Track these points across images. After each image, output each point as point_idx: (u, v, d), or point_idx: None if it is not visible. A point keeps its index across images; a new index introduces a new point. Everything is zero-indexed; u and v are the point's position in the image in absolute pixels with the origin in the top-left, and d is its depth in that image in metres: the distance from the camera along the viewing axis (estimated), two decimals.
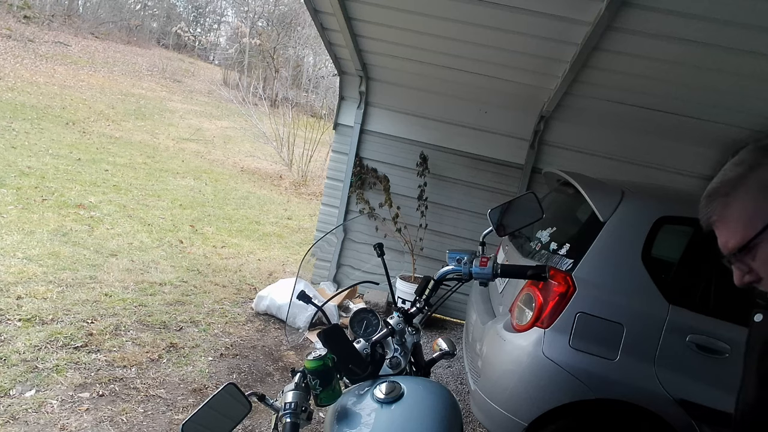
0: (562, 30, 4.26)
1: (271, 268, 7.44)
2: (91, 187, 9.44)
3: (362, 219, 6.58)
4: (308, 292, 2.07)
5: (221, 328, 5.13)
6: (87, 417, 3.43)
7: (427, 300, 2.08)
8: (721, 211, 1.17)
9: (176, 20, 40.42)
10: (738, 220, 1.14)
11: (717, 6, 3.51)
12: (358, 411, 1.63)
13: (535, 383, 3.09)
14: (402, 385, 1.66)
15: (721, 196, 1.16)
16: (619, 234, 3.20)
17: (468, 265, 2.01)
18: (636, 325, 3.03)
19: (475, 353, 3.61)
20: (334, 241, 6.53)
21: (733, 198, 1.14)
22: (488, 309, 3.90)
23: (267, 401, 1.53)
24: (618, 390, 3.01)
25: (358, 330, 2.00)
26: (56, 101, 18.05)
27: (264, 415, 3.78)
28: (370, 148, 6.47)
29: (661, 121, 5.44)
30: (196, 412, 1.38)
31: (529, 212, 2.23)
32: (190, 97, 26.89)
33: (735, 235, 1.14)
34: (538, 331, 3.10)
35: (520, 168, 6.13)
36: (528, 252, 3.75)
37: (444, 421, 1.60)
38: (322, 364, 1.58)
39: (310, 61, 37.28)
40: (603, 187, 3.58)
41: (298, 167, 16.47)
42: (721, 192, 1.16)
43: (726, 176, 1.17)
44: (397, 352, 1.94)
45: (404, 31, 5.04)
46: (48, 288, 5.02)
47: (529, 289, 3.25)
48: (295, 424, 1.47)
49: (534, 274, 1.99)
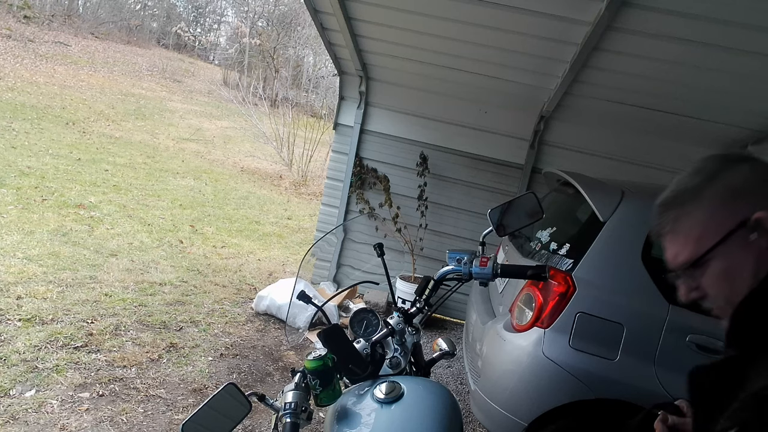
0: (562, 30, 4.26)
1: (271, 268, 7.44)
2: (91, 187, 9.44)
3: (362, 219, 6.58)
4: (308, 292, 2.07)
5: (221, 328, 5.12)
6: (87, 417, 3.43)
7: (427, 300, 2.08)
8: (673, 223, 1.12)
9: (176, 20, 40.39)
10: (689, 234, 1.09)
11: (717, 6, 3.50)
12: (358, 411, 1.63)
13: (535, 383, 3.09)
14: (402, 385, 1.66)
15: (675, 208, 1.12)
16: (619, 234, 3.20)
17: (468, 265, 2.01)
18: (636, 325, 3.03)
19: (475, 353, 3.61)
20: (334, 241, 6.53)
21: (687, 210, 1.09)
22: (488, 309, 3.90)
23: (267, 401, 1.52)
24: (618, 390, 3.00)
25: (358, 330, 2.00)
26: (56, 101, 18.05)
27: (264, 415, 3.78)
28: (370, 148, 6.47)
29: (661, 121, 5.44)
30: (196, 412, 1.38)
31: (529, 212, 2.23)
32: (190, 97, 26.87)
33: (685, 250, 1.10)
34: (538, 331, 3.10)
35: (520, 168, 6.13)
36: (528, 252, 3.75)
37: (444, 421, 1.60)
38: (322, 364, 1.58)
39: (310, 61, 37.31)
40: (603, 187, 3.57)
41: (298, 167, 16.47)
42: (675, 203, 1.12)
43: (681, 186, 1.12)
44: (397, 352, 1.94)
45: (404, 31, 5.04)
46: (48, 288, 5.02)
47: (529, 289, 3.25)
48: (295, 424, 1.47)
49: (534, 274, 1.99)
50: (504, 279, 3.74)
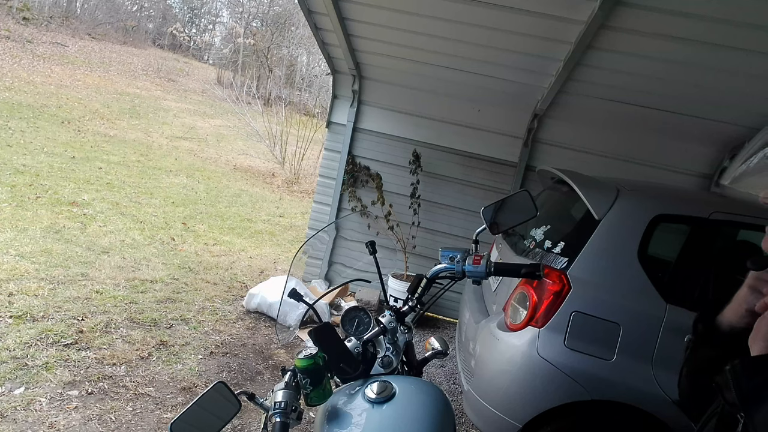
0: (556, 29, 4.26)
1: (263, 266, 7.43)
2: (85, 185, 9.42)
3: (354, 217, 6.57)
4: (299, 290, 2.06)
5: (212, 325, 5.10)
6: (75, 415, 3.40)
7: (420, 298, 2.07)
8: None
9: (172, 21, 40.32)
10: None
11: (710, 4, 3.51)
12: (348, 411, 1.61)
13: (530, 384, 3.07)
14: (394, 384, 1.64)
15: None
16: (614, 232, 3.18)
17: (461, 263, 1.99)
18: (633, 324, 3.01)
19: (468, 353, 3.59)
20: (326, 239, 6.51)
21: None
22: (481, 308, 3.88)
23: (257, 400, 1.50)
24: (615, 391, 2.98)
25: (350, 328, 1.98)
26: (52, 100, 18.01)
27: (254, 415, 3.76)
28: (362, 146, 6.46)
29: (656, 119, 5.43)
30: (185, 411, 1.37)
31: (523, 210, 2.22)
32: (184, 96, 26.84)
33: None
34: (533, 331, 3.08)
35: (513, 166, 6.12)
36: (522, 250, 3.73)
37: (436, 421, 1.58)
38: (313, 362, 1.56)
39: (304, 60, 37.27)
40: (598, 185, 3.55)
41: (291, 165, 16.49)
42: None
43: None
44: (388, 351, 1.92)
45: (397, 31, 5.04)
46: (40, 285, 4.99)
47: (524, 288, 3.23)
48: (285, 424, 1.45)
49: (528, 273, 1.97)
50: (497, 277, 3.72)
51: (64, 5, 31.80)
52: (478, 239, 2.21)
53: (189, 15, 44.84)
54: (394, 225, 6.34)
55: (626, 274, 3.11)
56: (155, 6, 40.75)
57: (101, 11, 33.93)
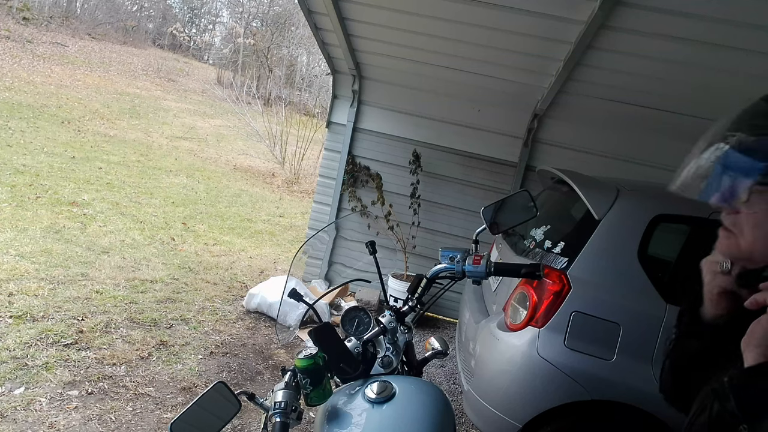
0: (556, 29, 4.26)
1: (263, 266, 7.42)
2: (85, 185, 9.42)
3: (354, 217, 6.57)
4: (299, 290, 2.06)
5: (212, 325, 5.09)
6: (75, 415, 3.40)
7: (420, 298, 2.07)
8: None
9: (172, 21, 40.31)
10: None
11: (710, 4, 3.51)
12: (348, 411, 1.61)
13: (530, 384, 3.06)
14: (393, 384, 1.64)
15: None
16: (614, 232, 3.18)
17: (461, 263, 1.98)
18: (633, 324, 3.00)
19: (468, 353, 3.59)
20: (326, 239, 6.51)
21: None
22: (481, 308, 3.88)
23: (257, 400, 1.50)
24: (615, 391, 2.98)
25: (350, 328, 1.98)
26: (52, 100, 18.00)
27: (254, 415, 3.75)
28: (362, 146, 6.46)
29: (656, 119, 5.43)
30: (185, 411, 1.37)
31: (523, 210, 2.22)
32: (184, 96, 26.83)
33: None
34: (533, 331, 3.08)
35: (513, 166, 6.12)
36: (522, 250, 3.73)
37: (436, 421, 1.58)
38: (313, 362, 1.56)
39: (304, 60, 37.26)
40: (598, 185, 3.55)
41: (291, 165, 16.48)
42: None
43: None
44: (388, 351, 1.92)
45: (397, 31, 5.04)
46: (40, 285, 4.98)
47: (524, 288, 3.23)
48: (285, 424, 1.45)
49: (528, 273, 1.97)
50: (497, 277, 3.72)
51: (64, 5, 31.80)
52: (478, 239, 2.21)
53: (189, 15, 44.87)
54: (394, 225, 6.34)
55: (626, 274, 3.11)
56: (155, 6, 40.76)
57: (101, 11, 33.92)
